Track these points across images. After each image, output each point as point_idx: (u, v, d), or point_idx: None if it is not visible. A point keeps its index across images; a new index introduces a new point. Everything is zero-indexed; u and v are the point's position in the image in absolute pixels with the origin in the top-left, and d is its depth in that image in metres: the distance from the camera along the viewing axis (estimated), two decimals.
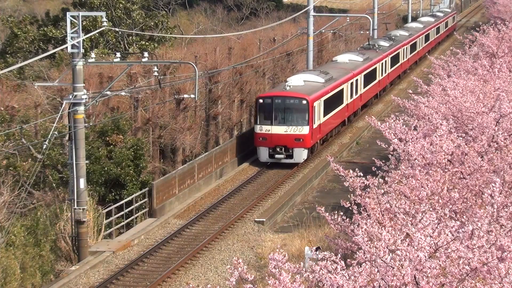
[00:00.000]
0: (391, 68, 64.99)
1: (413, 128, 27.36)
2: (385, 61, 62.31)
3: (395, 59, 66.86)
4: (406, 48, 71.90)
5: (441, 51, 77.43)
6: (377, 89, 60.67)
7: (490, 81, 36.41)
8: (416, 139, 25.72)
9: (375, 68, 58.84)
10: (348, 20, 74.78)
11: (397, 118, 27.29)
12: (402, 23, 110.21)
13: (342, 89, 48.53)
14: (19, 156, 35.05)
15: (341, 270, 15.47)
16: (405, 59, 71.71)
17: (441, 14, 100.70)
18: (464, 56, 45.31)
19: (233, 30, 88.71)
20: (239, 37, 71.89)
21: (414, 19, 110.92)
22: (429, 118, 29.61)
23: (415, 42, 76.67)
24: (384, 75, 62.38)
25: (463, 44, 53.82)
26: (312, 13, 52.51)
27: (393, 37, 70.17)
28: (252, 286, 15.35)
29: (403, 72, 72.89)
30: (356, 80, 52.08)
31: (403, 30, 77.95)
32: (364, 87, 54.62)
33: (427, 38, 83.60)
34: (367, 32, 65.54)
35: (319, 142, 45.26)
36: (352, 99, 50.67)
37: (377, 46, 62.99)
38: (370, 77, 56.60)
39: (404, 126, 26.67)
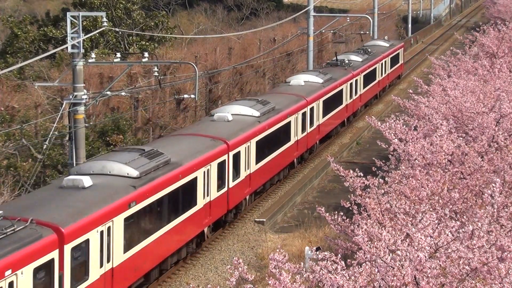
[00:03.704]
0: None
1: (413, 128, 27.37)
2: None
3: None
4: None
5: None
6: None
7: (490, 81, 36.42)
8: (416, 139, 25.74)
9: None
10: (348, 20, 74.80)
11: (397, 118, 27.31)
12: (402, 24, 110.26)
13: None
14: (19, 156, 35.05)
15: (341, 270, 15.47)
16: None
17: (358, 59, 54.57)
18: (464, 56, 45.31)
19: (233, 30, 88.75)
20: (239, 37, 71.92)
21: (415, 19, 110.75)
22: (429, 118, 29.61)
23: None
24: None
25: (463, 44, 53.85)
26: (312, 13, 52.51)
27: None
28: (252, 286, 15.36)
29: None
30: None
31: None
32: None
33: (280, 138, 36.64)
34: (367, 33, 65.44)
35: None
36: None
37: None
38: None
39: (404, 126, 26.69)
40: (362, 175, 21.07)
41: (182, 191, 26.27)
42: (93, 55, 31.26)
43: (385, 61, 61.89)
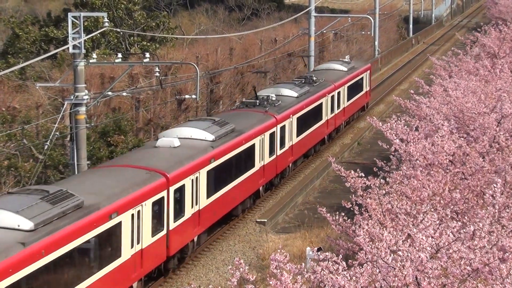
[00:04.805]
0: None
1: (414, 128, 27.37)
2: None
3: None
4: None
5: None
6: None
7: (492, 82, 36.44)
8: (418, 139, 25.73)
9: None
10: (349, 21, 74.75)
11: (399, 118, 27.32)
12: (403, 24, 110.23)
13: None
14: (20, 156, 35.06)
15: (342, 271, 15.47)
16: None
17: (293, 94, 40.25)
18: (466, 56, 45.34)
19: (235, 31, 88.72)
20: (241, 38, 71.90)
21: (416, 19, 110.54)
22: (430, 118, 29.63)
23: None
24: None
25: (464, 44, 53.88)
26: (313, 13, 52.55)
27: None
28: (253, 286, 15.36)
29: None
30: None
31: None
32: None
33: None
34: (368, 33, 65.21)
35: None
36: None
37: None
38: None
39: (406, 126, 26.70)
40: (363, 175, 21.07)
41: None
42: (95, 56, 31.27)
43: (339, 92, 46.92)
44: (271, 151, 35.41)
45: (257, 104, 37.16)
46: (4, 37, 71.77)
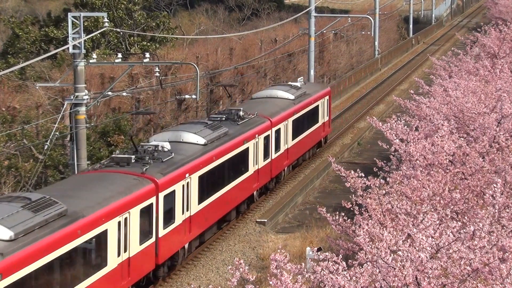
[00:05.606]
0: None
1: (414, 128, 27.37)
2: None
3: None
4: None
5: None
6: None
7: (492, 82, 36.42)
8: (418, 139, 25.73)
9: None
10: (349, 21, 74.77)
11: (399, 118, 27.32)
12: (404, 24, 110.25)
13: None
14: (20, 156, 35.05)
15: (342, 271, 15.48)
16: None
17: (198, 141, 28.63)
18: (466, 56, 45.32)
19: (235, 31, 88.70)
20: (241, 38, 71.87)
21: (416, 19, 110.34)
22: (430, 118, 29.63)
23: None
24: None
25: (464, 44, 53.89)
26: (313, 13, 52.51)
27: None
28: (253, 286, 15.36)
29: None
30: None
31: None
32: None
33: None
34: (368, 33, 65.16)
35: None
36: None
37: None
38: None
39: (406, 126, 26.70)
40: (363, 175, 21.08)
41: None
42: (95, 56, 31.26)
43: (279, 130, 36.30)
44: (146, 234, 23.87)
45: (133, 160, 25.26)
46: (4, 37, 71.80)
